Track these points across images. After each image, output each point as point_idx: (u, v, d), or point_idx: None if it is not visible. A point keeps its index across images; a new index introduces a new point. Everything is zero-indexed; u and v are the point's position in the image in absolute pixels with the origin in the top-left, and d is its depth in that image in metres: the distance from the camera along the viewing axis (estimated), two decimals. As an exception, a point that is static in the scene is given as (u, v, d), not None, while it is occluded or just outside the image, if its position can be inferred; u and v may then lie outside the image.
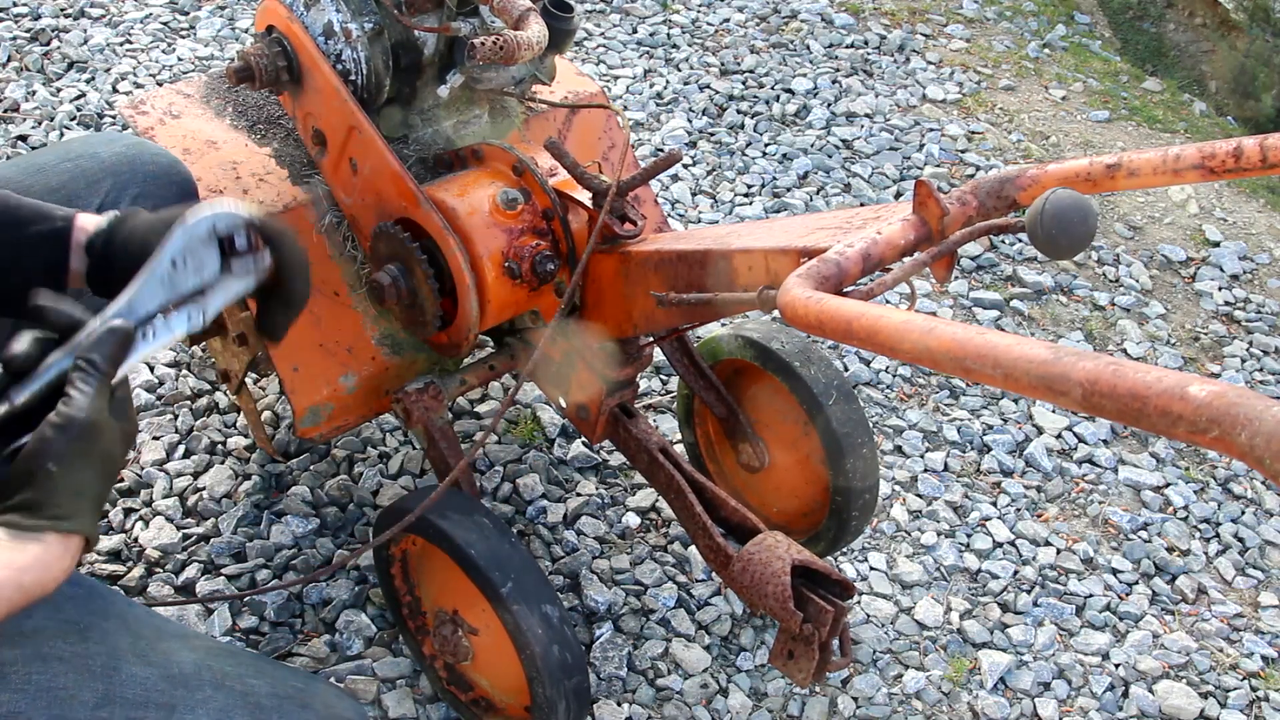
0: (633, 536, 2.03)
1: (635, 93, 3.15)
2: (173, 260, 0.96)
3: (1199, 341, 2.67)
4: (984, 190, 1.16)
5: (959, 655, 1.92)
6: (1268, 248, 2.96)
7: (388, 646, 1.82)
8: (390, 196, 1.58)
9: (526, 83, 1.72)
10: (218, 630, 1.79)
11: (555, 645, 1.48)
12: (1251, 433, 0.59)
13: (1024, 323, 2.64)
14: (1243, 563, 2.16)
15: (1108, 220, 2.99)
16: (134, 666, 1.05)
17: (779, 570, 1.47)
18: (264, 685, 1.11)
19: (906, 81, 3.39)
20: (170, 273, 0.96)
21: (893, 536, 2.11)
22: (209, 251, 0.98)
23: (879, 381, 2.42)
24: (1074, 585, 2.06)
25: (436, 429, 1.70)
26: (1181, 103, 3.65)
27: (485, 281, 1.55)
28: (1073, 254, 1.02)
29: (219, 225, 0.99)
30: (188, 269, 0.97)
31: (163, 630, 1.13)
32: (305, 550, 1.93)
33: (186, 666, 1.08)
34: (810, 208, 2.84)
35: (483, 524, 1.54)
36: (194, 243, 0.98)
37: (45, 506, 0.86)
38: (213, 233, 0.99)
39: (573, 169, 1.53)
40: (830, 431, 1.74)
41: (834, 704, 1.82)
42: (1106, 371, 0.68)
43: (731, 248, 1.35)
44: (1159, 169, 1.07)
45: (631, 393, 1.74)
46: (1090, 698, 1.89)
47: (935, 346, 0.79)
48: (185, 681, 1.06)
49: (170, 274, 0.96)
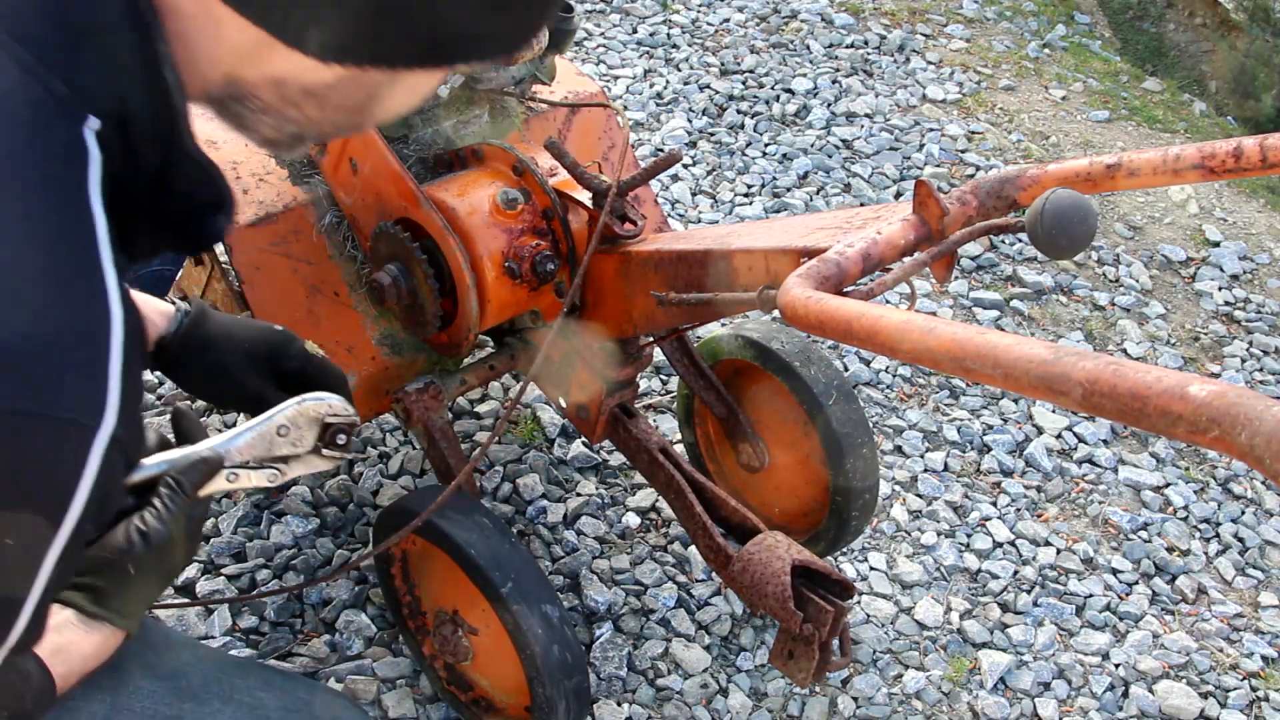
0: (633, 536, 2.03)
1: (635, 93, 3.15)
2: (279, 429, 1.07)
3: (1199, 341, 2.67)
4: (984, 190, 1.16)
5: (959, 655, 1.92)
6: (1268, 248, 2.96)
7: (388, 646, 1.82)
8: (390, 196, 1.58)
9: (526, 83, 1.72)
10: (218, 630, 1.79)
11: (555, 645, 1.48)
12: (1251, 433, 0.59)
13: (1024, 323, 2.64)
14: (1243, 563, 2.16)
15: (1108, 220, 2.99)
16: (142, 679, 1.05)
17: (779, 570, 1.47)
18: (272, 699, 1.11)
19: (906, 81, 3.39)
20: (274, 437, 1.07)
21: (893, 536, 2.11)
22: (311, 431, 1.09)
23: (879, 381, 2.42)
24: (1074, 585, 2.06)
25: (436, 429, 1.70)
26: (1181, 103, 3.65)
27: (485, 281, 1.55)
28: (1073, 254, 1.02)
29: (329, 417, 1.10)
30: (288, 439, 1.08)
31: (171, 641, 1.13)
32: (305, 550, 1.93)
33: (195, 679, 1.08)
34: (810, 208, 2.84)
35: (483, 524, 1.54)
36: (303, 420, 1.09)
37: (111, 599, 0.92)
38: (321, 419, 1.09)
39: (573, 169, 1.53)
40: (830, 431, 1.74)
41: (834, 704, 1.82)
42: (1106, 371, 0.68)
43: (731, 248, 1.35)
44: (1159, 169, 1.07)
45: (631, 393, 1.74)
46: (1090, 698, 1.89)
47: (935, 346, 0.79)
48: (194, 694, 1.06)
49: (274, 438, 1.07)
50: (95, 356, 0.64)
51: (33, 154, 0.62)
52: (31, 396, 0.60)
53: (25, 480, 0.62)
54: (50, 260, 0.62)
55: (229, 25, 0.68)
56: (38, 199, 0.62)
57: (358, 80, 0.72)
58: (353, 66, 0.70)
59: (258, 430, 1.08)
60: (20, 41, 0.63)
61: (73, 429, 0.63)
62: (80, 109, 0.65)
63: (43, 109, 0.64)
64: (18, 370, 0.60)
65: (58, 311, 0.62)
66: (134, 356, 0.67)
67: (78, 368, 0.63)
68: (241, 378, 1.16)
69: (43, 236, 0.62)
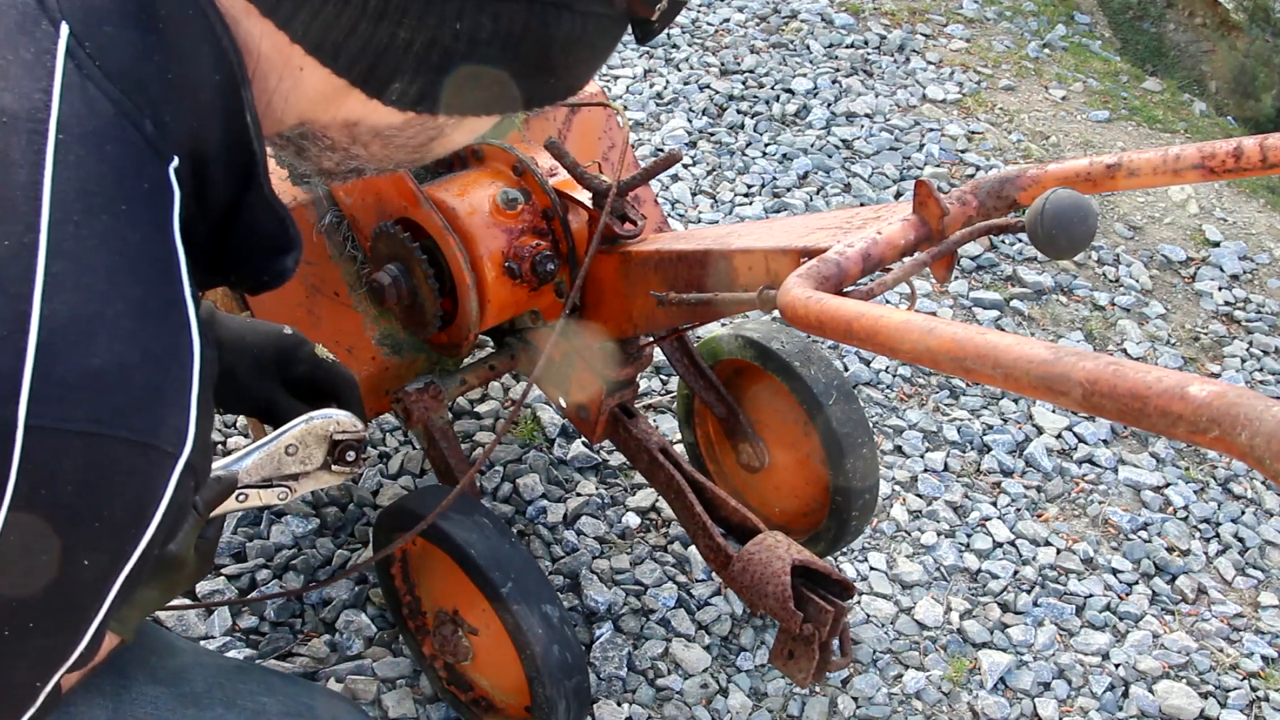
0: (633, 536, 2.03)
1: (635, 93, 3.15)
2: (287, 448, 1.07)
3: (1199, 341, 2.67)
4: (984, 190, 1.16)
5: (959, 655, 1.92)
6: (1268, 248, 2.96)
7: (388, 646, 1.82)
8: (390, 196, 1.58)
9: (526, 83, 1.71)
10: (217, 630, 1.79)
11: (555, 645, 1.48)
12: (1252, 433, 0.59)
13: (1024, 323, 2.64)
14: (1243, 563, 2.16)
15: (1108, 220, 2.99)
16: (144, 685, 1.05)
17: (779, 570, 1.47)
18: (275, 703, 1.11)
19: (906, 81, 3.39)
20: (282, 456, 1.07)
21: (893, 536, 2.11)
22: (319, 449, 1.09)
23: (879, 381, 2.42)
24: (1074, 585, 2.06)
25: (436, 429, 1.70)
26: (1181, 103, 3.65)
27: (485, 281, 1.55)
28: (1073, 254, 1.02)
29: (337, 434, 1.10)
30: (297, 458, 1.08)
31: (174, 647, 1.13)
32: (305, 550, 1.93)
33: (197, 684, 1.08)
34: (810, 208, 2.84)
35: (483, 524, 1.54)
36: (310, 438, 1.09)
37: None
38: (330, 436, 1.10)
39: (573, 169, 1.53)
40: (830, 431, 1.74)
41: (834, 704, 1.82)
42: (1106, 371, 0.68)
43: (731, 248, 1.35)
44: (1159, 169, 1.07)
45: (631, 393, 1.74)
46: (1090, 698, 1.89)
47: (935, 346, 0.79)
48: (196, 700, 1.07)
49: (282, 457, 1.07)
50: (179, 384, 0.65)
51: (124, 191, 0.64)
52: (119, 420, 0.62)
53: (108, 503, 0.63)
54: (140, 291, 0.64)
55: (311, 74, 0.71)
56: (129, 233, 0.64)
57: (425, 124, 0.76)
58: (426, 114, 0.73)
59: (266, 450, 1.08)
60: (113, 79, 0.65)
61: (156, 454, 0.64)
62: (166, 149, 0.67)
63: (134, 148, 0.65)
64: (110, 395, 0.61)
65: (148, 340, 0.63)
66: (208, 385, 0.68)
67: (165, 395, 0.65)
68: (250, 384, 1.16)
69: (133, 268, 0.64)
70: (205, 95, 0.68)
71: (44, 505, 0.61)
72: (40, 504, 0.60)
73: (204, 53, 0.68)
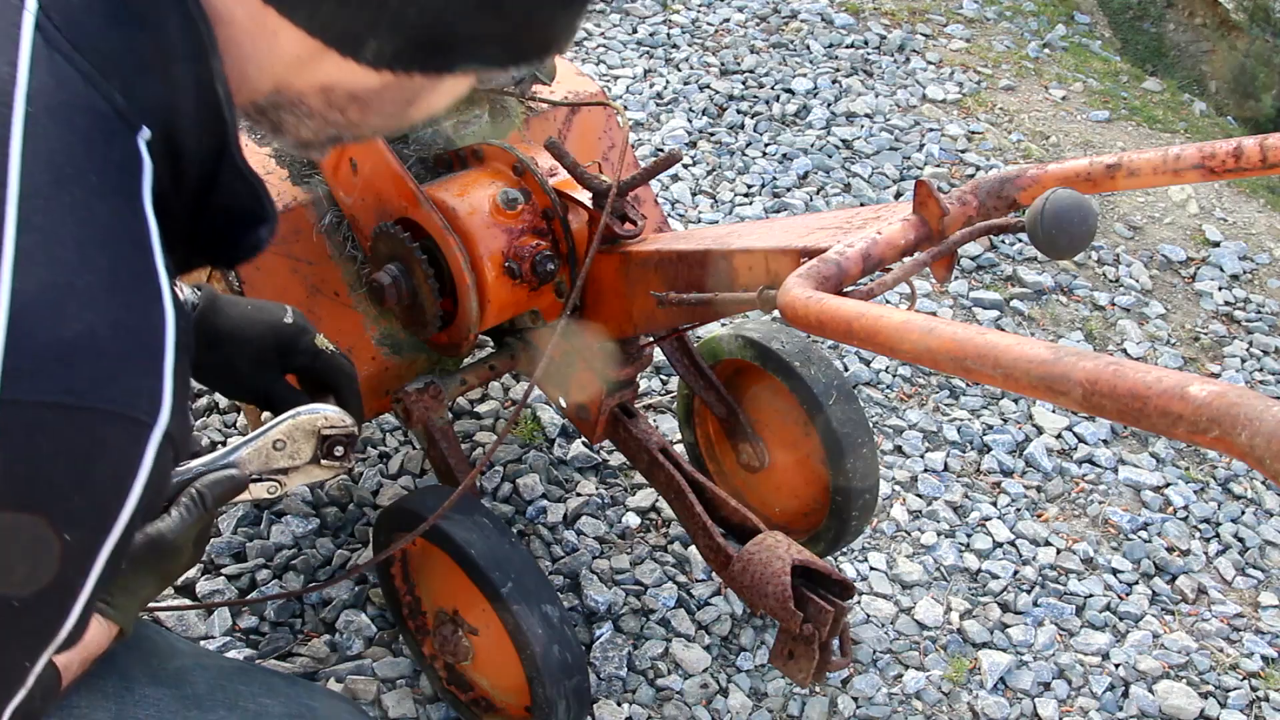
0: (633, 536, 2.03)
1: (635, 93, 3.15)
2: (275, 443, 1.08)
3: (1199, 341, 2.67)
4: (984, 190, 1.16)
5: (959, 655, 1.92)
6: (1268, 248, 2.96)
7: (388, 646, 1.82)
8: (390, 196, 1.58)
9: (526, 82, 1.72)
10: (217, 630, 1.79)
11: (555, 645, 1.48)
12: (1252, 433, 0.59)
13: (1024, 323, 2.64)
14: (1243, 563, 2.16)
15: (1108, 220, 2.99)
16: (147, 687, 1.05)
17: (779, 570, 1.47)
18: (277, 705, 1.11)
19: (906, 81, 3.39)
20: (270, 451, 1.09)
21: (893, 536, 2.11)
22: (308, 444, 1.10)
23: (879, 381, 2.42)
24: (1074, 585, 2.06)
25: (437, 429, 1.70)
26: (1181, 103, 3.65)
27: (485, 281, 1.55)
28: (1073, 254, 1.02)
29: (325, 429, 1.11)
30: (285, 452, 1.09)
31: (176, 649, 1.13)
32: (305, 550, 1.93)
33: (200, 687, 1.08)
34: (810, 208, 2.84)
35: (483, 524, 1.54)
36: (298, 434, 1.10)
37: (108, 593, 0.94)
38: (318, 432, 1.10)
39: (573, 169, 1.53)
40: (830, 431, 1.74)
41: (834, 704, 1.82)
42: (1107, 371, 0.68)
43: (731, 248, 1.35)
44: (1159, 169, 1.07)
45: (631, 393, 1.74)
46: (1090, 698, 1.89)
47: (935, 346, 0.79)
48: (199, 702, 1.07)
49: (270, 452, 1.09)
50: (152, 353, 0.65)
51: (94, 163, 0.64)
52: (92, 390, 0.61)
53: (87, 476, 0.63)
54: (109, 261, 0.63)
55: (284, 36, 0.70)
56: (98, 205, 0.64)
57: (402, 85, 0.75)
58: (402, 73, 0.73)
59: (254, 445, 1.09)
60: (81, 51, 0.65)
61: (130, 424, 0.64)
62: (136, 120, 0.67)
63: (103, 119, 0.65)
64: (79, 364, 0.61)
65: (117, 309, 0.63)
66: (184, 355, 0.68)
67: (136, 363, 0.64)
68: (249, 374, 1.16)
69: (103, 239, 0.64)
70: (175, 67, 0.68)
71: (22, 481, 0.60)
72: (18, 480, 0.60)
73: (172, 23, 0.67)
